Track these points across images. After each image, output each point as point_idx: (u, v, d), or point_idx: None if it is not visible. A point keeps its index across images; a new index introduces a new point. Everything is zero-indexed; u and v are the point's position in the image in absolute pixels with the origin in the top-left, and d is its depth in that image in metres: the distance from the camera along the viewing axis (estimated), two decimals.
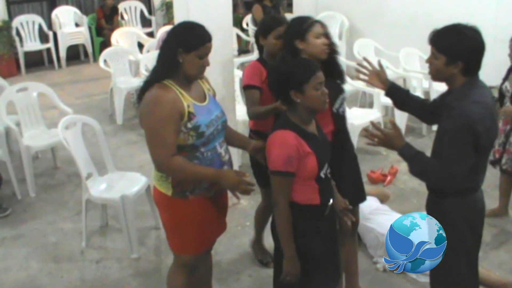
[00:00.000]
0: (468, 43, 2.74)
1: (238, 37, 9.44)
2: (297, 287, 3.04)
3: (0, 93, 6.08)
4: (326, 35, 3.30)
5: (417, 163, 2.88)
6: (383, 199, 4.94)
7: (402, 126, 6.54)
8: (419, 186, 5.57)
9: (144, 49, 8.33)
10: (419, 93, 6.91)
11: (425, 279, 4.08)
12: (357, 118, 6.16)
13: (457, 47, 2.75)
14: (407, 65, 7.35)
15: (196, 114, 3.00)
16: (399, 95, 3.30)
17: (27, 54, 10.41)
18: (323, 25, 3.19)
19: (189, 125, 2.97)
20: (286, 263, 2.95)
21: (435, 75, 2.90)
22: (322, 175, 2.97)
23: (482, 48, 2.78)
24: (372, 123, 3.07)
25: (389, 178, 5.72)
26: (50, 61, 10.79)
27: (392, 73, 7.29)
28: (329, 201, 3.05)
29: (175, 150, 2.97)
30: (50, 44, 10.56)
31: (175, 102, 2.94)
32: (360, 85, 6.93)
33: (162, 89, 2.95)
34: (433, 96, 7.00)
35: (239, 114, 5.63)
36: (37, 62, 10.76)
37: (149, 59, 7.01)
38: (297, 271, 2.96)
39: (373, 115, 6.32)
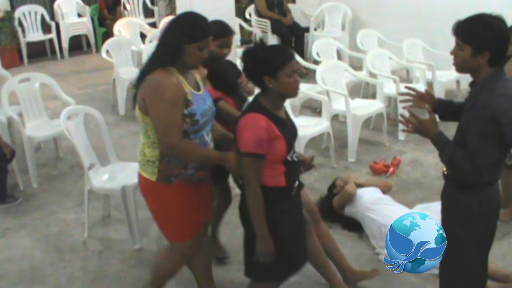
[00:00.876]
0: (494, 32, 2.71)
1: (241, 27, 9.41)
2: (267, 268, 3.11)
3: (3, 84, 6.07)
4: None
5: (446, 152, 2.87)
6: (385, 190, 4.93)
7: None
8: (422, 178, 5.59)
9: (147, 40, 8.30)
10: (422, 84, 6.89)
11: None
12: (359, 109, 6.14)
13: (483, 37, 2.71)
14: (410, 56, 7.33)
15: (193, 102, 3.05)
16: (442, 109, 3.25)
17: (29, 45, 10.40)
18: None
19: (185, 112, 3.02)
20: (259, 243, 3.02)
21: (461, 66, 2.85)
22: (289, 158, 3.05)
23: (508, 37, 2.75)
24: (410, 110, 3.04)
25: (391, 169, 5.71)
26: (53, 51, 10.78)
27: (395, 64, 7.29)
28: (294, 183, 3.15)
29: (182, 133, 3.02)
30: (53, 35, 10.55)
31: (179, 86, 3.00)
32: (363, 76, 6.93)
33: (166, 74, 3.00)
34: (436, 86, 7.00)
35: None
36: (39, 52, 10.74)
37: (151, 50, 6.98)
38: (270, 250, 3.03)
39: (376, 106, 6.30)
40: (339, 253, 3.94)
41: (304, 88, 6.50)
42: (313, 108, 7.26)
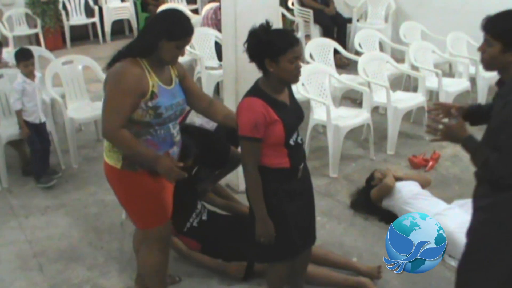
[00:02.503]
0: None
1: (283, 16, 9.37)
2: (269, 249, 3.14)
3: (46, 65, 6.17)
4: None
5: (479, 156, 2.74)
6: (424, 184, 4.88)
7: None
8: (461, 173, 5.51)
9: None
10: (465, 79, 6.79)
11: None
12: (400, 101, 6.07)
13: None
14: (454, 50, 7.21)
15: (159, 95, 3.07)
16: (472, 115, 3.15)
17: (72, 28, 10.53)
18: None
19: (149, 104, 3.04)
20: (257, 224, 3.05)
21: (489, 63, 2.76)
22: (291, 142, 3.05)
23: None
24: (431, 117, 2.97)
25: (431, 163, 5.64)
26: (95, 35, 10.90)
27: (438, 58, 7.19)
28: (300, 164, 3.14)
29: (125, 123, 3.01)
30: (96, 19, 10.67)
31: (140, 78, 3.01)
32: (405, 69, 6.86)
33: (131, 63, 3.02)
34: (479, 82, 6.88)
35: None
36: (82, 36, 10.88)
37: (194, 36, 7.02)
38: (269, 231, 3.06)
39: (417, 99, 6.23)
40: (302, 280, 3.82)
41: (345, 79, 6.47)
42: (353, 99, 7.21)
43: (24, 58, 5.29)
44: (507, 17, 2.67)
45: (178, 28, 3.03)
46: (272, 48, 2.89)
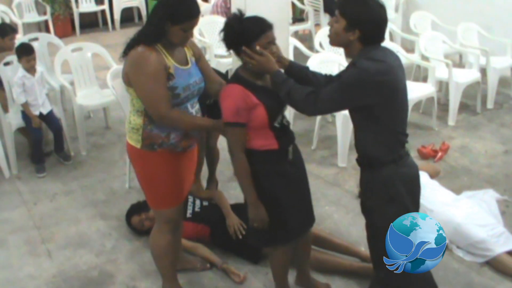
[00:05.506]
0: (367, 12, 2.77)
1: (293, 4, 9.34)
2: (265, 233, 3.19)
3: (56, 52, 6.18)
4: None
5: (283, 87, 2.94)
6: (433, 174, 4.87)
7: (456, 103, 6.41)
8: (470, 164, 5.49)
9: None
10: (475, 70, 6.75)
11: (472, 258, 4.04)
12: (410, 92, 5.98)
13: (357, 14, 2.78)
14: (464, 40, 7.17)
15: (176, 76, 3.09)
16: (298, 74, 3.21)
17: (82, 15, 10.55)
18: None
19: (167, 85, 3.06)
20: (250, 209, 3.11)
21: (333, 39, 2.93)
22: (276, 125, 3.11)
23: (380, 19, 2.81)
24: (244, 49, 3.00)
25: (440, 154, 5.62)
26: (105, 22, 10.92)
27: (448, 48, 7.15)
28: (288, 145, 3.19)
29: (170, 103, 3.06)
30: (105, 6, 10.70)
31: (160, 61, 3.03)
32: (415, 59, 6.82)
33: (147, 49, 3.02)
34: (490, 73, 6.84)
35: None
36: (91, 23, 10.90)
37: (202, 24, 7.02)
38: (262, 216, 3.11)
39: (427, 89, 6.20)
40: (307, 261, 3.80)
41: None
42: None
43: (26, 53, 5.32)
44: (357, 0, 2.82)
45: (181, 11, 3.02)
46: (246, 35, 2.99)
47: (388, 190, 2.90)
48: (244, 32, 2.99)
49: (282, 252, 3.40)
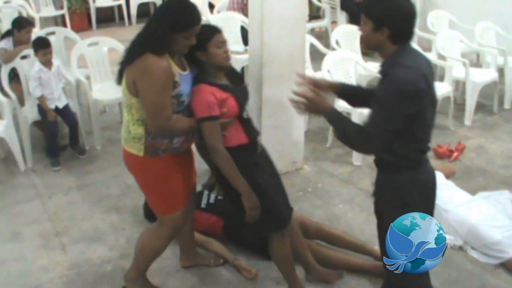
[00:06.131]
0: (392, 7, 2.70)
1: (310, 1, 9.31)
2: (261, 223, 3.30)
3: (72, 47, 6.20)
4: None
5: (339, 127, 2.87)
6: (448, 174, 4.83)
7: (473, 103, 6.36)
8: (486, 165, 5.45)
9: (215, 10, 8.31)
10: (492, 70, 6.69)
11: (486, 259, 4.01)
12: None
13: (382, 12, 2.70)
14: (482, 40, 7.11)
15: (180, 83, 3.09)
16: (350, 95, 3.20)
17: (98, 10, 10.59)
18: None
19: (172, 93, 3.06)
20: (245, 199, 3.20)
21: (365, 42, 2.85)
22: (244, 115, 3.30)
23: (408, 14, 2.73)
24: (294, 92, 2.99)
25: (455, 154, 5.58)
26: (121, 17, 10.94)
27: (466, 47, 7.09)
28: (256, 137, 3.40)
29: (171, 112, 3.08)
30: (122, 1, 10.71)
31: (169, 70, 3.02)
32: (432, 58, 6.77)
33: (156, 57, 2.98)
34: (507, 73, 6.78)
35: None
36: (108, 18, 10.93)
37: (219, 20, 7.02)
38: (257, 203, 3.22)
39: (444, 88, 6.15)
40: (305, 251, 3.84)
41: (372, 67, 6.40)
42: None
43: (42, 46, 5.34)
44: None
45: (184, 19, 3.01)
46: (199, 39, 3.09)
47: (402, 195, 2.85)
48: (198, 36, 3.08)
49: (279, 243, 3.46)
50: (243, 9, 7.46)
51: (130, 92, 3.07)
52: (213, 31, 3.20)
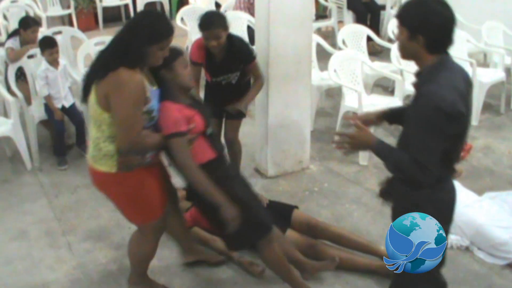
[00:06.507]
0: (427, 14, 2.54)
1: (317, 1, 9.30)
2: (246, 232, 3.31)
3: (79, 46, 6.21)
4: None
5: (390, 161, 2.72)
6: (455, 175, 4.81)
7: (480, 103, 6.34)
8: (493, 165, 5.43)
9: (222, 9, 8.30)
10: (500, 70, 6.67)
11: (493, 260, 4.00)
12: None
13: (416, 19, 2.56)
14: (489, 39, 7.08)
15: (151, 98, 3.08)
16: (390, 115, 3.08)
17: (105, 9, 10.61)
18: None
19: (144, 109, 3.04)
20: (224, 211, 3.17)
21: (401, 51, 2.69)
22: (208, 132, 3.35)
23: (446, 21, 2.56)
24: (336, 133, 3.00)
25: (462, 154, 5.52)
26: (128, 17, 10.93)
27: (473, 47, 7.07)
28: (223, 151, 3.48)
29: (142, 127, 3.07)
30: (128, 0, 10.71)
31: (144, 85, 3.00)
32: None
33: (131, 72, 2.94)
34: None
35: (314, 79, 5.57)
36: (114, 17, 10.93)
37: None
38: (237, 212, 3.19)
39: None
40: (291, 249, 3.85)
41: (378, 66, 6.40)
42: (385, 87, 7.13)
43: (48, 46, 5.36)
44: (413, 4, 2.61)
45: (160, 30, 3.01)
46: (165, 58, 3.11)
47: (416, 211, 2.69)
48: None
49: (268, 249, 3.47)
50: (250, 8, 7.46)
51: (102, 107, 2.99)
52: (178, 52, 3.27)
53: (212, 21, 4.14)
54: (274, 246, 3.48)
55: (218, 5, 8.91)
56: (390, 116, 3.07)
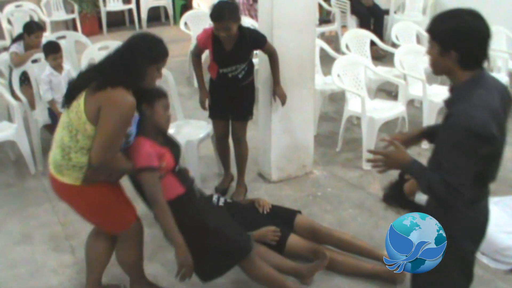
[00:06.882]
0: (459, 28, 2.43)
1: (320, 6, 9.30)
2: (222, 261, 3.43)
3: (83, 51, 6.23)
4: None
5: (422, 182, 2.63)
6: None
7: None
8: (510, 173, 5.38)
9: None
10: (503, 74, 6.66)
11: (497, 265, 4.00)
12: (436, 95, 5.94)
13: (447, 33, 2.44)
14: (493, 44, 7.01)
15: (132, 122, 3.12)
16: (429, 133, 2.99)
17: (109, 14, 10.63)
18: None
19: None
20: (179, 251, 3.23)
21: (433, 67, 2.58)
22: (177, 168, 3.40)
23: (479, 35, 2.44)
24: (371, 151, 2.89)
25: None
26: (131, 21, 10.98)
27: None
28: (191, 185, 3.49)
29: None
30: (132, 5, 10.74)
31: (135, 106, 3.02)
32: None
33: (126, 92, 2.98)
34: None
35: (317, 84, 5.58)
36: (118, 22, 10.96)
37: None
38: (190, 260, 3.26)
39: None
40: (282, 261, 3.87)
41: (381, 71, 6.40)
42: (388, 91, 7.13)
43: (52, 51, 5.37)
44: (444, 17, 2.50)
45: (159, 50, 3.10)
46: (150, 94, 3.26)
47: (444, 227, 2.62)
48: (148, 91, 3.24)
49: (251, 267, 3.53)
50: (249, 10, 7.48)
51: (89, 118, 2.99)
52: (163, 93, 3.39)
53: (223, 14, 4.21)
54: (256, 263, 3.53)
55: None
56: (429, 135, 2.98)
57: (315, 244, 3.96)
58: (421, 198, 4.53)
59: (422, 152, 5.00)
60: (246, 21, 7.42)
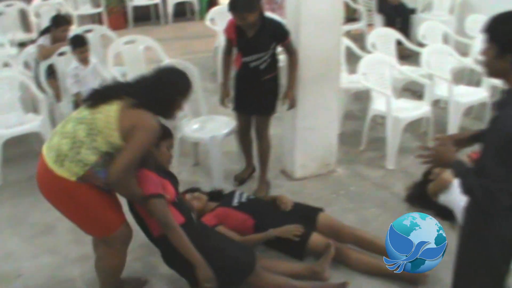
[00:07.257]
0: None
1: (346, 4, 9.26)
2: (228, 281, 3.47)
3: (109, 45, 6.26)
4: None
5: (465, 184, 2.55)
6: None
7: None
8: None
9: None
10: None
11: None
12: (462, 96, 5.93)
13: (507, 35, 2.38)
14: None
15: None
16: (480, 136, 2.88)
17: (135, 9, 10.69)
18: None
19: None
20: (200, 271, 3.33)
21: (487, 68, 2.52)
22: (177, 200, 3.49)
23: None
24: (422, 146, 2.89)
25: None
26: (157, 16, 11.02)
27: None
28: (190, 215, 3.58)
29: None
30: (158, 0, 10.76)
31: (158, 133, 3.18)
32: (468, 62, 6.68)
33: (154, 118, 3.11)
34: None
35: (342, 82, 5.55)
36: (144, 16, 11.01)
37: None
38: (211, 275, 3.35)
39: (480, 94, 6.06)
40: (293, 266, 3.89)
41: (407, 70, 6.35)
42: (413, 91, 7.06)
43: (79, 45, 5.42)
44: (506, 18, 2.43)
45: (187, 83, 3.29)
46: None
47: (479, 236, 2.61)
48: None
49: (257, 279, 3.58)
50: (269, 4, 7.47)
51: (119, 129, 3.04)
52: (169, 134, 3.56)
53: (237, 5, 4.26)
54: (261, 275, 3.59)
55: None
56: (482, 138, 2.87)
57: (338, 243, 3.94)
58: (445, 199, 4.52)
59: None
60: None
